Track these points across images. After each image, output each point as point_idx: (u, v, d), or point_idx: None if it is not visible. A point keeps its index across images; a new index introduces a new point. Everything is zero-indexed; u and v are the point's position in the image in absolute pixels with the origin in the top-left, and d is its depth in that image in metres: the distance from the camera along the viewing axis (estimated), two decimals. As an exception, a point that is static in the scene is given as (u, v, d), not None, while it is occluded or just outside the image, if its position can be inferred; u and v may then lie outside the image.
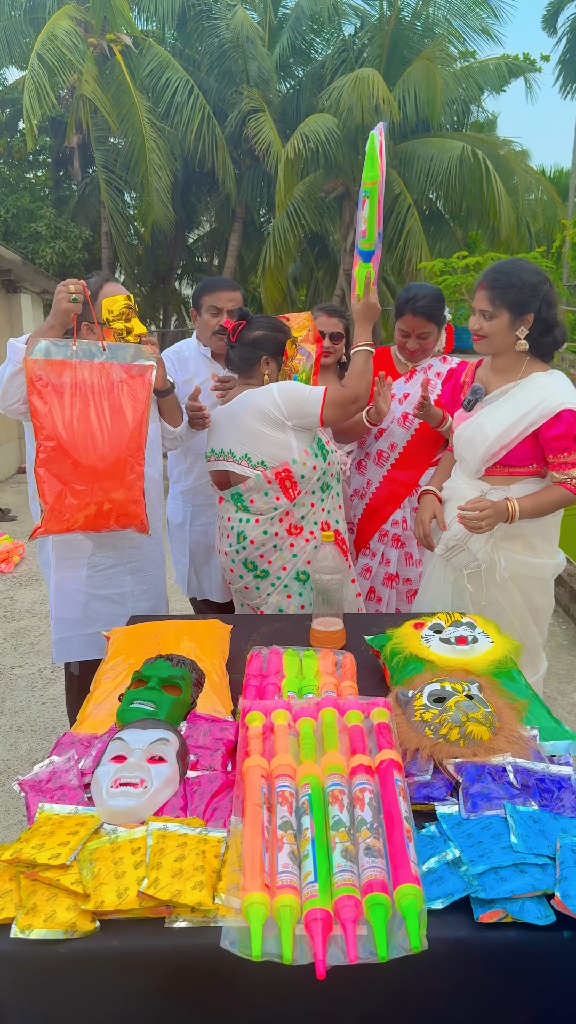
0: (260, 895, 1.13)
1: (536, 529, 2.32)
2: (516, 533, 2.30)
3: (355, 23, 15.75)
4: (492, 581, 2.32)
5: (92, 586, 2.48)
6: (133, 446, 2.24)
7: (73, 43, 13.01)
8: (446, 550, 2.39)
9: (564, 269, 11.29)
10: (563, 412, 2.18)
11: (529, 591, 2.36)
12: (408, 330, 2.89)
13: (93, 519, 2.23)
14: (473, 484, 2.35)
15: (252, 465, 2.41)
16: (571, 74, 20.66)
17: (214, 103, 15.18)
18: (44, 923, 1.13)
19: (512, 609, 2.34)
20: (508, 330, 2.24)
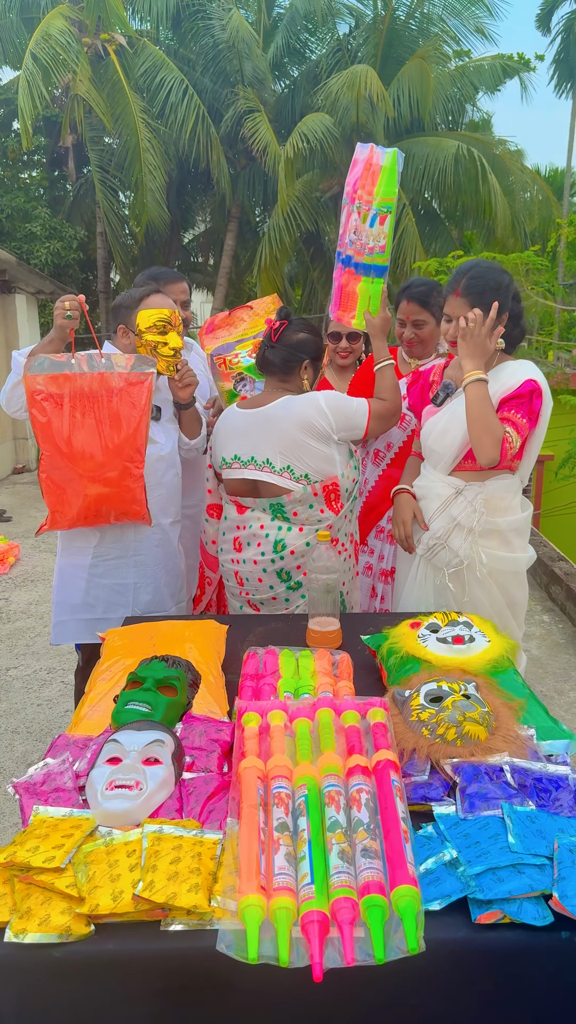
0: (256, 897, 1.12)
1: (511, 525, 2.33)
2: (492, 530, 2.31)
3: (349, 22, 15.77)
4: (473, 578, 2.33)
5: (95, 574, 2.53)
6: (131, 451, 2.30)
7: (67, 43, 13.00)
8: (427, 549, 2.38)
9: (559, 268, 11.29)
10: (527, 381, 2.22)
11: (507, 586, 2.38)
12: (403, 318, 2.93)
13: (92, 518, 2.35)
14: (448, 481, 2.34)
15: (295, 478, 2.34)
16: (565, 73, 20.70)
17: (209, 103, 15.18)
18: (38, 927, 1.12)
19: (492, 605, 2.35)
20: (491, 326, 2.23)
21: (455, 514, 2.30)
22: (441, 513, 2.32)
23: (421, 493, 2.44)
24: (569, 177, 20.65)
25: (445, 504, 2.33)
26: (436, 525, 2.33)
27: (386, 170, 2.39)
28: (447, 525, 2.31)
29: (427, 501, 2.39)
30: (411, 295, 2.89)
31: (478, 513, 2.28)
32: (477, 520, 2.28)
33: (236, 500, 2.46)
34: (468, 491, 2.30)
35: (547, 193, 15.58)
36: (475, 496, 2.28)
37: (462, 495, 2.30)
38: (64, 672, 4.18)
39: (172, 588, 2.65)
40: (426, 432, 2.41)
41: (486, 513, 2.29)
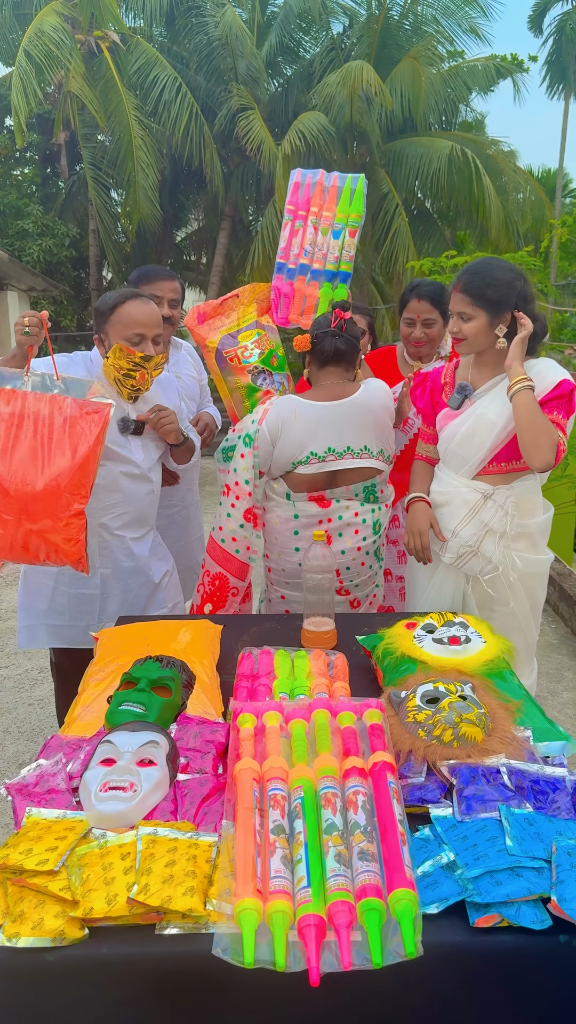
0: (252, 901, 1.11)
1: (539, 526, 2.32)
2: (522, 532, 2.28)
3: (343, 21, 15.76)
4: (506, 582, 2.30)
5: (61, 582, 2.46)
6: (73, 484, 2.08)
7: (60, 39, 12.93)
8: (457, 557, 2.33)
9: (552, 268, 11.33)
10: (563, 381, 2.19)
11: (533, 588, 2.37)
12: (413, 317, 2.90)
13: (20, 552, 2.14)
14: (472, 485, 2.29)
15: (386, 459, 2.47)
16: (558, 75, 20.80)
17: (202, 101, 15.14)
18: (32, 931, 1.11)
19: (519, 609, 2.33)
20: (487, 330, 2.23)
21: (486, 519, 2.26)
22: (471, 520, 2.28)
23: (443, 499, 2.38)
24: (561, 178, 20.74)
25: (474, 510, 2.29)
26: (467, 532, 2.29)
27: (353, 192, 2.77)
28: (478, 531, 2.27)
29: (451, 507, 2.34)
30: (421, 293, 2.87)
31: (510, 516, 2.25)
32: (509, 524, 2.25)
33: (316, 496, 2.42)
34: (498, 495, 2.26)
35: (539, 194, 15.61)
36: (505, 499, 2.25)
37: (492, 499, 2.26)
38: (55, 671, 4.16)
39: (144, 596, 2.55)
40: (447, 436, 2.36)
41: (516, 516, 2.26)
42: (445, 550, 2.36)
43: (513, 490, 2.27)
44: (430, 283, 2.94)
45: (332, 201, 2.78)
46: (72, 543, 2.10)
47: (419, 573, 2.52)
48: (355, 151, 14.42)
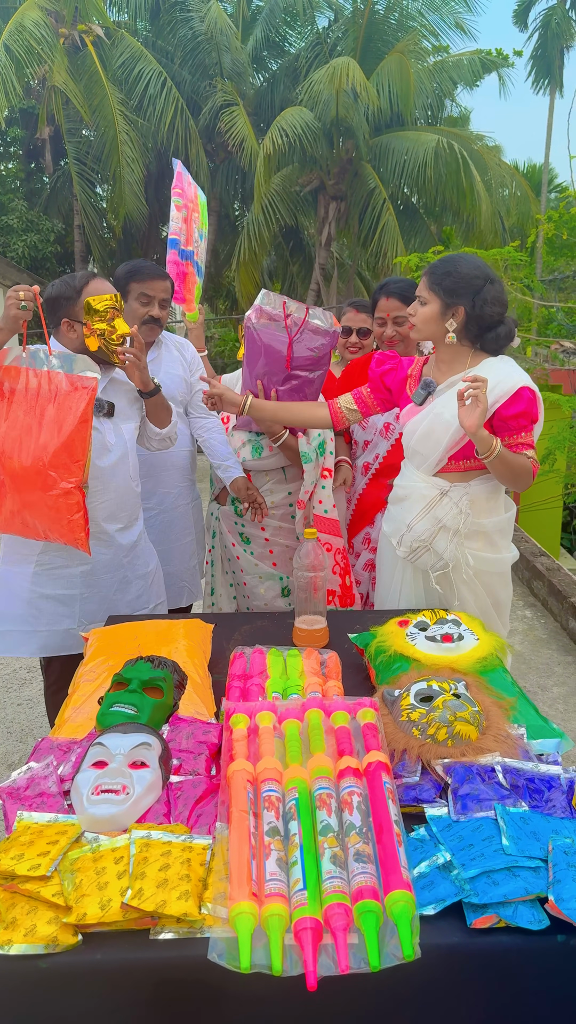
0: (248, 904, 1.10)
1: (496, 526, 2.31)
2: (478, 531, 2.28)
3: (329, 16, 15.73)
4: (459, 580, 2.30)
5: (38, 584, 2.39)
6: (59, 461, 2.07)
7: (41, 35, 12.84)
8: (410, 551, 2.33)
9: (538, 263, 11.34)
10: (521, 389, 2.16)
11: (492, 586, 2.35)
12: (383, 316, 2.87)
13: (20, 527, 2.17)
14: (431, 482, 2.30)
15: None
16: (543, 69, 20.83)
17: (187, 96, 15.09)
18: (24, 938, 1.09)
19: (478, 605, 2.32)
20: (438, 319, 2.22)
21: (440, 516, 2.26)
22: (425, 515, 2.29)
23: (404, 493, 2.39)
24: (547, 173, 20.79)
25: (429, 506, 2.29)
26: (420, 527, 2.29)
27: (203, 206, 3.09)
28: (432, 527, 2.27)
29: (410, 502, 2.34)
30: (390, 291, 2.84)
31: (464, 514, 2.25)
32: (463, 521, 2.24)
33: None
34: (453, 492, 2.26)
35: (525, 189, 15.65)
36: (461, 497, 2.25)
37: (447, 496, 2.26)
38: (44, 671, 4.13)
39: (126, 596, 2.51)
40: (408, 432, 2.36)
41: (472, 514, 2.26)
42: (400, 545, 2.36)
43: (470, 488, 2.26)
44: (399, 280, 2.89)
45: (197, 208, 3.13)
46: (66, 523, 2.10)
47: (384, 566, 2.53)
48: (341, 146, 14.38)
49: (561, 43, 20.28)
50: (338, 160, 14.48)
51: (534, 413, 2.19)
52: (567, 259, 9.33)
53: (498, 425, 2.20)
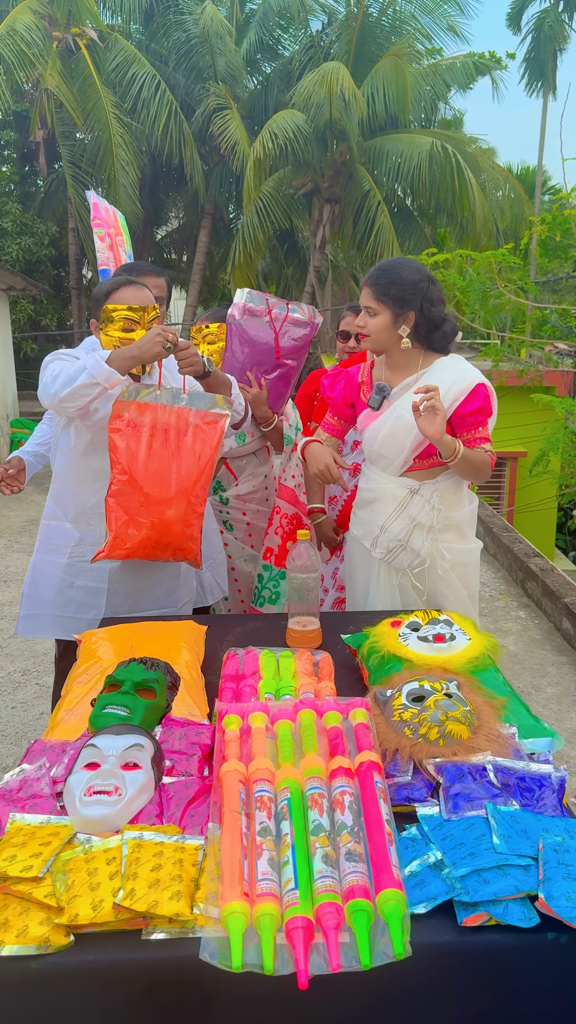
0: (240, 904, 1.10)
1: (465, 516, 2.37)
2: (450, 524, 2.32)
3: (322, 19, 15.76)
4: (435, 575, 2.33)
5: (69, 574, 2.46)
6: (198, 487, 2.27)
7: (33, 39, 12.84)
8: (387, 552, 2.36)
9: (532, 265, 11.37)
10: (478, 387, 2.23)
11: (467, 577, 2.40)
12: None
13: (151, 550, 2.29)
14: (399, 482, 2.33)
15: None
16: (536, 72, 20.90)
17: (181, 99, 15.11)
18: (16, 939, 1.09)
19: (455, 598, 2.35)
20: (391, 327, 2.25)
21: (414, 514, 2.29)
22: (399, 515, 2.31)
23: (372, 496, 2.40)
24: (540, 175, 20.84)
25: (402, 505, 2.31)
26: (396, 527, 2.32)
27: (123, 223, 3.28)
28: (407, 526, 2.30)
29: (381, 504, 2.36)
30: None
31: (436, 510, 2.29)
32: (436, 517, 2.28)
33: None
34: (424, 490, 2.29)
35: (519, 191, 15.70)
36: (431, 494, 2.29)
37: (418, 494, 2.29)
38: (39, 674, 4.13)
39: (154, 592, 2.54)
40: (370, 437, 2.37)
41: (443, 509, 2.30)
42: (375, 546, 2.38)
43: (438, 484, 2.31)
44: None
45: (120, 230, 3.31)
46: (193, 541, 2.29)
47: (357, 570, 2.52)
48: (335, 149, 14.41)
49: (554, 46, 20.36)
50: (332, 163, 14.51)
51: (489, 408, 2.26)
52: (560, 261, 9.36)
53: (456, 422, 2.25)
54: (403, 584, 2.37)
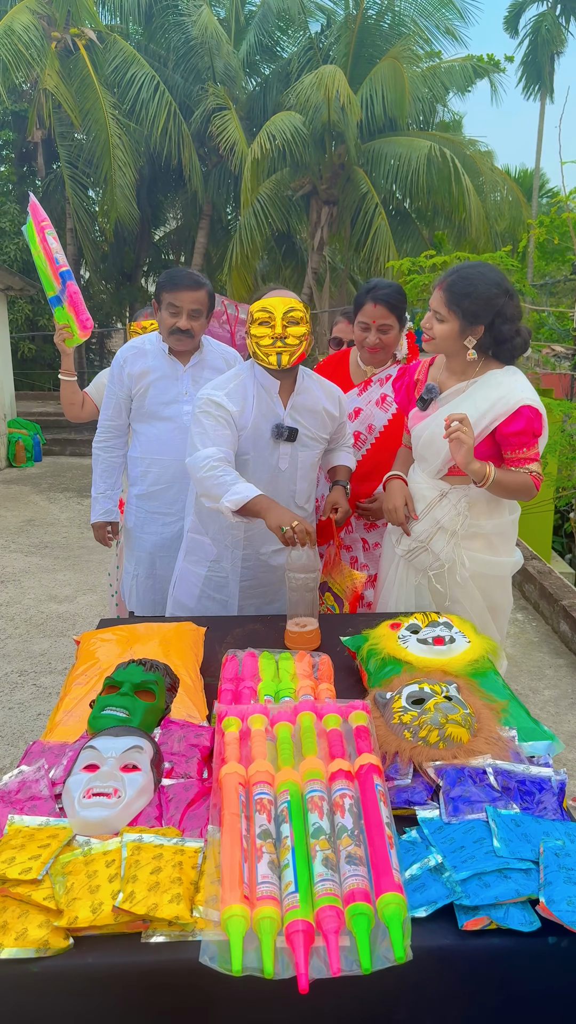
0: (240, 907, 1.10)
1: (496, 528, 2.32)
2: (477, 532, 2.29)
3: (321, 21, 15.76)
4: (454, 581, 2.31)
5: (207, 586, 2.57)
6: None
7: (30, 39, 12.82)
8: (407, 551, 2.36)
9: (529, 268, 11.39)
10: (522, 408, 2.15)
11: (489, 590, 2.36)
12: (368, 322, 2.74)
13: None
14: (434, 484, 2.32)
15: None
16: (533, 75, 20.96)
17: (180, 100, 15.09)
18: (15, 941, 1.09)
19: (472, 608, 2.33)
20: (457, 337, 2.19)
21: (439, 517, 2.28)
22: (425, 516, 2.31)
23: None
24: (538, 178, 20.88)
25: (429, 507, 2.31)
26: (419, 528, 2.32)
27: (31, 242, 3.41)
28: (430, 528, 2.30)
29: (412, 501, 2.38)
30: (378, 297, 2.71)
31: (462, 516, 2.26)
32: (460, 523, 2.26)
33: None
34: (453, 494, 2.28)
35: (517, 194, 15.71)
36: (459, 499, 2.27)
37: (447, 498, 2.28)
38: (36, 675, 4.12)
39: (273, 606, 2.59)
40: (415, 437, 2.37)
41: (470, 516, 2.27)
42: (399, 543, 2.40)
43: (469, 491, 2.27)
44: (387, 285, 2.76)
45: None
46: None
47: (384, 562, 2.56)
48: (333, 151, 14.41)
49: (551, 49, 20.42)
50: (330, 165, 14.51)
51: (536, 428, 2.19)
52: (558, 264, 9.37)
53: (500, 440, 2.21)
54: (420, 585, 2.37)
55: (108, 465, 3.01)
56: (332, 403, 2.52)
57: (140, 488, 2.93)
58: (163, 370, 2.83)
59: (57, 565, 6.04)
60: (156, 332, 2.91)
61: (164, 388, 2.81)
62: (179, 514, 2.86)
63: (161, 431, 2.84)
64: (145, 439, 2.88)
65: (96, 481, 3.04)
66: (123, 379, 2.84)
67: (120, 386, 2.86)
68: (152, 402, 2.83)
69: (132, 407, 2.89)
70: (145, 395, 2.83)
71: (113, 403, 2.90)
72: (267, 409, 2.37)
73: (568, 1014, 1.13)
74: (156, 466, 2.87)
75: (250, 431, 2.36)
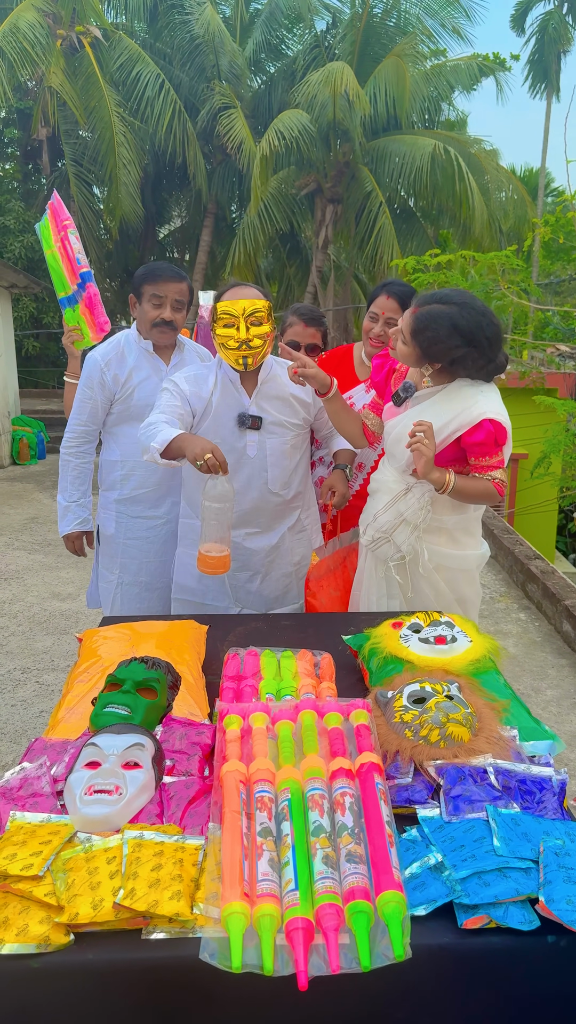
0: (240, 904, 1.10)
1: (458, 523, 2.36)
2: (439, 527, 2.34)
3: (327, 19, 15.75)
4: (416, 572, 2.36)
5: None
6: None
7: (36, 37, 12.82)
8: (371, 541, 2.41)
9: (534, 267, 11.37)
10: (483, 421, 2.19)
11: (455, 582, 2.41)
12: (378, 312, 2.81)
13: None
14: (401, 478, 2.36)
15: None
16: (540, 74, 20.91)
17: (185, 98, 15.10)
18: (16, 937, 1.09)
19: (438, 599, 2.38)
20: (416, 362, 2.26)
21: (402, 510, 2.32)
22: (390, 508, 2.35)
23: (375, 487, 2.45)
24: (543, 177, 20.85)
25: (395, 500, 2.35)
26: (384, 519, 2.35)
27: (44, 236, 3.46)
28: (393, 520, 2.33)
29: (379, 495, 2.41)
30: (392, 291, 2.79)
31: (424, 510, 2.30)
32: (423, 517, 2.30)
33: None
34: (417, 488, 2.31)
35: (522, 193, 15.68)
36: (423, 494, 2.30)
37: (411, 492, 2.32)
38: (39, 672, 4.13)
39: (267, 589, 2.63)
40: (387, 431, 2.41)
41: (432, 511, 2.31)
42: (364, 533, 2.44)
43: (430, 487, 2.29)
44: (403, 284, 2.87)
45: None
46: None
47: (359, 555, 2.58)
48: (338, 149, 14.40)
49: (558, 47, 20.37)
50: (335, 163, 14.51)
51: (499, 439, 2.23)
52: (563, 263, 9.36)
53: (465, 447, 2.26)
54: (389, 576, 2.41)
55: (80, 472, 2.89)
56: (301, 389, 2.55)
57: (121, 492, 2.85)
58: (147, 371, 2.77)
59: (60, 563, 6.05)
60: (127, 331, 2.82)
61: (151, 390, 2.73)
62: (165, 516, 2.85)
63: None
64: (128, 441, 2.77)
65: (67, 488, 2.90)
66: (104, 383, 2.74)
67: (100, 390, 2.75)
68: (138, 404, 2.74)
69: (113, 411, 2.80)
70: (131, 398, 2.75)
71: (90, 407, 2.78)
72: (232, 399, 2.46)
73: (567, 1013, 1.13)
74: (141, 468, 2.79)
75: (214, 419, 2.45)
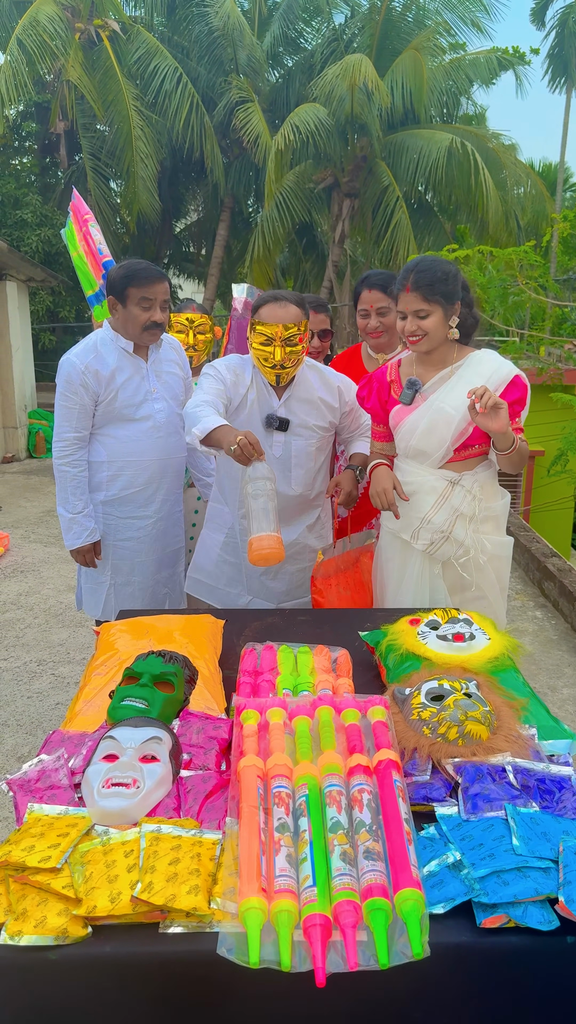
0: (257, 900, 1.10)
1: (503, 508, 2.41)
2: (489, 515, 2.35)
3: (345, 12, 15.67)
4: (475, 567, 2.34)
5: (225, 551, 2.71)
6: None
7: (55, 30, 12.85)
8: (429, 544, 2.35)
9: (552, 263, 11.28)
10: (516, 378, 2.28)
11: (501, 570, 2.43)
12: (367, 307, 2.89)
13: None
14: (438, 474, 2.33)
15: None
16: (560, 68, 20.69)
17: (203, 91, 15.08)
18: (34, 929, 1.10)
19: (490, 592, 2.38)
20: (444, 323, 2.27)
21: (456, 504, 2.30)
22: (441, 506, 2.31)
23: (412, 489, 2.38)
24: (562, 172, 20.66)
25: (443, 497, 2.31)
26: (438, 519, 2.31)
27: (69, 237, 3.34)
28: (449, 517, 2.30)
29: (421, 496, 2.35)
30: (371, 283, 2.86)
31: (478, 500, 2.31)
32: (478, 507, 2.30)
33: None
34: (465, 480, 2.31)
35: (540, 188, 15.56)
36: (472, 484, 2.30)
37: (459, 485, 2.30)
38: (55, 664, 4.15)
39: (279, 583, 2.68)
40: (406, 431, 2.36)
41: (483, 499, 2.32)
42: (416, 539, 2.36)
43: (478, 475, 2.33)
44: (379, 272, 2.93)
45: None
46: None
47: (388, 564, 2.51)
48: (355, 143, 14.34)
49: (578, 41, 20.14)
50: (352, 157, 14.45)
51: (526, 398, 2.29)
52: (582, 258, 9.28)
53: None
54: (435, 579, 2.38)
55: (78, 481, 2.77)
56: (329, 393, 2.63)
57: (107, 494, 2.81)
58: (129, 371, 2.74)
59: (76, 556, 6.07)
60: (100, 331, 2.76)
61: (134, 389, 2.73)
62: (155, 514, 2.85)
63: (133, 432, 2.76)
64: (114, 442, 2.76)
65: (67, 500, 2.77)
66: (87, 385, 2.67)
67: (85, 393, 2.68)
68: (122, 404, 2.72)
69: (97, 412, 2.74)
70: (115, 399, 2.71)
71: (77, 413, 2.71)
72: (263, 400, 2.53)
73: (585, 1014, 1.12)
74: (130, 468, 2.78)
75: (245, 418, 2.53)
